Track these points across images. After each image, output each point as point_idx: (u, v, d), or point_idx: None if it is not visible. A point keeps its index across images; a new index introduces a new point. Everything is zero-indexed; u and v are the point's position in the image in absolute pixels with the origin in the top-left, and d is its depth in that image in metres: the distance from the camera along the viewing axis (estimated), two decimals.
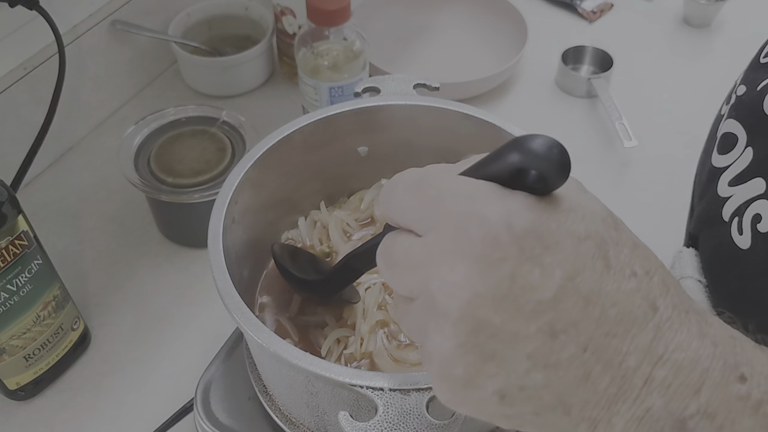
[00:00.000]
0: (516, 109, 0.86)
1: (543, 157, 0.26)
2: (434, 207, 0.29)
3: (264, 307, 0.55)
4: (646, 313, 0.26)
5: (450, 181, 0.29)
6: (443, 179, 0.29)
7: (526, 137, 0.27)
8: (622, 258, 0.27)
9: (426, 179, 0.30)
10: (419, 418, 0.37)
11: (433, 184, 0.29)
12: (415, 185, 0.30)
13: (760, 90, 0.44)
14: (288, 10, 0.81)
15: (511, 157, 0.27)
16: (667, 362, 0.26)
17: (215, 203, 0.48)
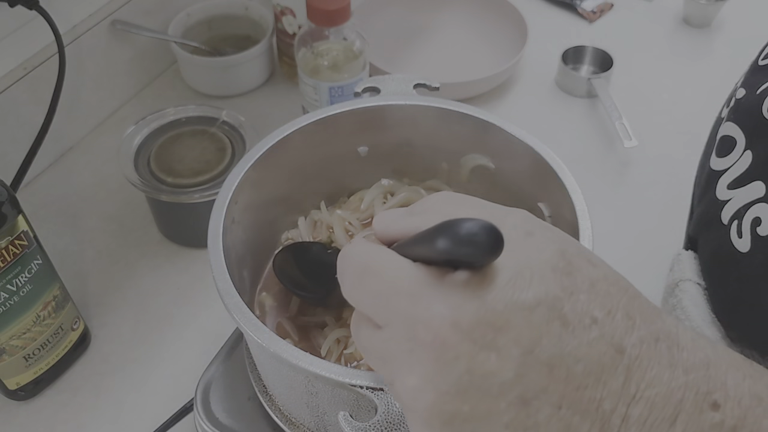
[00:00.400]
0: (516, 109, 0.86)
1: (469, 244, 0.26)
2: (382, 305, 0.29)
3: (264, 307, 0.55)
4: (613, 357, 0.26)
5: (391, 275, 0.29)
6: (384, 270, 0.29)
7: (452, 224, 0.26)
8: (579, 307, 0.27)
9: (368, 270, 0.30)
10: None
11: (375, 276, 0.29)
12: (359, 277, 0.30)
13: (760, 93, 0.44)
14: (288, 10, 0.81)
15: (439, 244, 0.26)
16: (641, 400, 0.26)
17: (215, 203, 0.48)
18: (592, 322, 0.27)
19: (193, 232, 0.68)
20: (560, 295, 0.27)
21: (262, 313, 0.54)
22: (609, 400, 0.26)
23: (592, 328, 0.26)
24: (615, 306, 0.27)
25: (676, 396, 0.26)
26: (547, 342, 0.26)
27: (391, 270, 0.29)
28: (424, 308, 0.27)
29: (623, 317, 0.27)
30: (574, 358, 0.26)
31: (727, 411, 0.26)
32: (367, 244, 0.31)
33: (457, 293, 0.27)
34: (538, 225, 0.30)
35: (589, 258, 0.29)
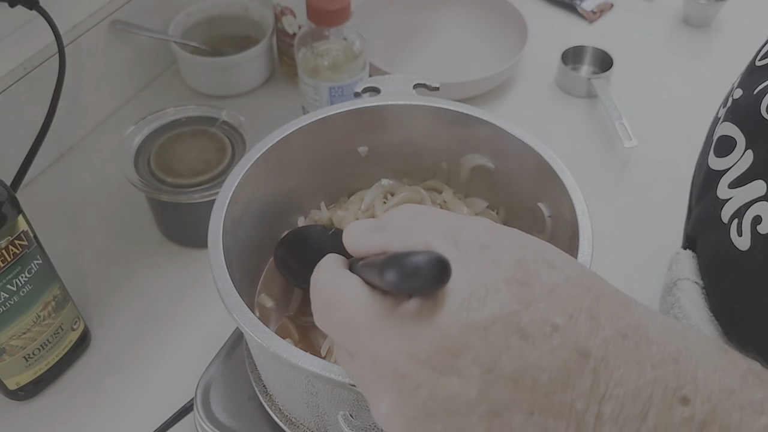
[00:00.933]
0: (516, 109, 0.86)
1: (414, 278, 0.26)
2: (347, 338, 0.30)
3: (264, 307, 0.55)
4: (578, 362, 0.26)
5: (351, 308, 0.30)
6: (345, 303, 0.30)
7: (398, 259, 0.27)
8: (538, 317, 0.27)
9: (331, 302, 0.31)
10: None
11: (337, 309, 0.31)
12: (324, 309, 0.32)
13: (757, 93, 0.44)
14: (288, 10, 0.81)
15: (387, 278, 0.27)
16: (611, 399, 0.26)
17: (215, 203, 0.48)
18: (553, 330, 0.27)
19: (193, 232, 0.68)
20: (516, 309, 0.27)
21: (262, 313, 0.54)
22: (580, 401, 0.26)
23: (553, 336, 0.27)
24: (577, 309, 0.27)
25: (645, 392, 0.26)
26: (507, 357, 0.26)
27: (351, 303, 0.30)
28: (381, 342, 0.28)
29: (586, 319, 0.27)
30: (538, 368, 0.26)
31: (697, 406, 0.26)
32: (331, 272, 0.32)
33: (411, 324, 0.27)
34: (495, 234, 0.29)
35: (549, 261, 0.29)
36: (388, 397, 0.28)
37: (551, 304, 0.27)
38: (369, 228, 0.33)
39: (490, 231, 0.30)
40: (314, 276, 0.33)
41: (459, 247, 0.29)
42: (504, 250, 0.29)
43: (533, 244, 0.30)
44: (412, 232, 0.30)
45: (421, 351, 0.27)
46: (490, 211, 0.59)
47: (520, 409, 0.27)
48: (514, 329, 0.27)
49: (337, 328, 0.31)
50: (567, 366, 0.26)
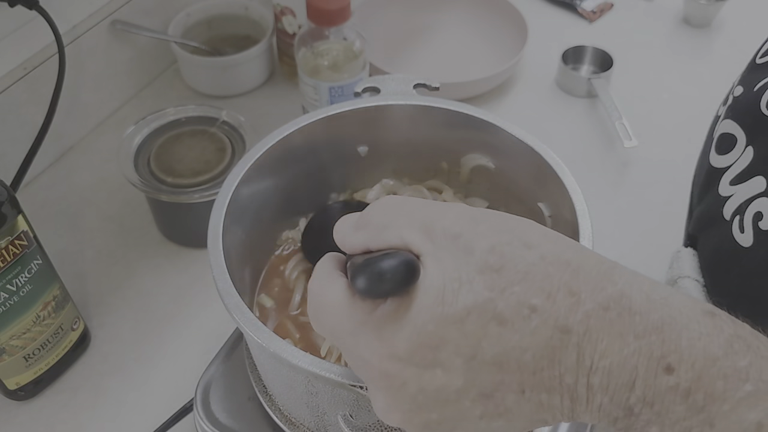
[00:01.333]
0: (516, 109, 0.86)
1: (382, 282, 0.27)
2: (337, 344, 0.32)
3: (264, 307, 0.55)
4: (561, 339, 0.27)
5: (336, 315, 0.31)
6: (331, 310, 0.31)
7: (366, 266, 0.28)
8: (514, 301, 0.27)
9: (320, 308, 0.32)
10: None
11: (325, 316, 0.32)
12: (315, 315, 0.33)
13: (757, 90, 0.44)
14: (288, 10, 0.81)
15: (358, 285, 0.28)
16: (597, 370, 0.27)
17: (215, 203, 0.48)
18: (531, 311, 0.27)
19: (193, 232, 0.68)
20: (491, 296, 0.27)
21: (262, 313, 0.54)
22: (568, 374, 0.27)
23: (531, 318, 0.27)
24: (555, 287, 0.27)
25: (631, 363, 0.27)
26: (487, 344, 0.27)
27: (335, 310, 0.31)
28: (363, 347, 0.29)
29: (565, 296, 0.27)
30: (520, 350, 0.27)
31: (681, 374, 0.26)
32: (321, 278, 0.33)
33: (388, 325, 0.28)
34: (468, 221, 0.30)
35: (525, 240, 0.29)
36: (381, 395, 0.29)
37: (526, 286, 0.27)
38: (353, 225, 0.33)
39: (463, 218, 0.30)
40: (310, 281, 0.34)
41: (432, 239, 0.29)
42: (477, 236, 0.29)
43: (508, 225, 0.30)
44: (389, 227, 0.31)
45: (401, 350, 0.28)
46: None
47: (511, 389, 0.27)
48: (491, 316, 0.27)
49: (327, 335, 0.32)
50: (550, 344, 0.27)
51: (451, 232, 0.29)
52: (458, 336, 0.27)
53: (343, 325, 0.30)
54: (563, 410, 0.28)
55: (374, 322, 0.29)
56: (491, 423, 0.28)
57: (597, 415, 0.27)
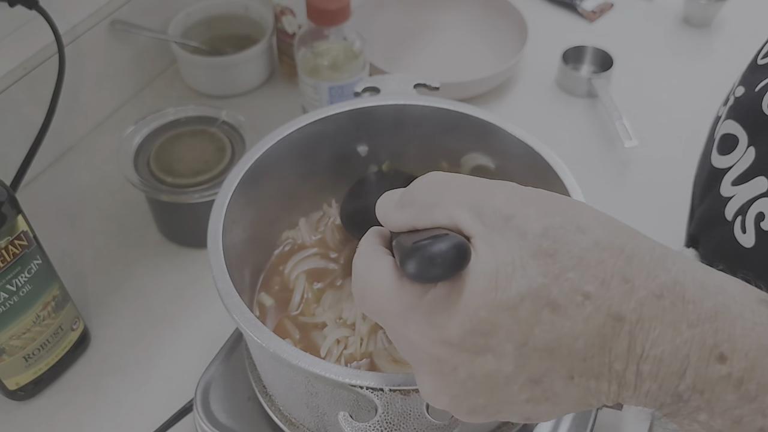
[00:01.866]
0: (516, 109, 0.86)
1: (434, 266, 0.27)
2: (383, 324, 0.31)
3: (263, 307, 0.55)
4: (613, 326, 0.27)
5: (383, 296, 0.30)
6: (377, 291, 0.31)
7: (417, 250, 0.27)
8: (568, 287, 0.27)
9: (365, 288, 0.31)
10: (419, 419, 0.37)
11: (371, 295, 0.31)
12: (361, 294, 0.32)
13: (759, 90, 0.44)
14: (288, 10, 0.81)
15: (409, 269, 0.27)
16: (648, 358, 0.27)
17: (215, 203, 0.48)
18: (584, 298, 0.27)
19: (193, 232, 0.68)
20: (545, 282, 0.27)
21: (262, 313, 0.54)
22: (618, 362, 0.27)
23: (585, 305, 0.26)
24: (609, 273, 0.27)
25: (683, 351, 0.26)
26: (540, 330, 0.27)
27: (381, 291, 0.30)
28: (413, 331, 0.29)
29: (619, 282, 0.27)
30: (572, 337, 0.27)
31: (734, 363, 0.26)
32: (367, 254, 0.32)
33: (440, 311, 0.28)
34: (521, 202, 0.29)
35: (578, 224, 0.28)
36: (429, 379, 0.29)
37: (581, 272, 0.27)
38: (397, 202, 0.32)
39: (516, 198, 0.29)
40: (354, 257, 0.33)
41: (483, 221, 0.28)
42: (529, 218, 0.28)
43: (561, 206, 0.29)
44: (437, 205, 0.30)
45: (453, 336, 0.27)
46: None
47: (560, 374, 0.27)
48: (544, 303, 0.26)
49: (373, 314, 0.31)
50: (602, 331, 0.26)
51: (503, 213, 0.28)
52: (511, 322, 0.27)
53: (390, 307, 0.30)
54: (609, 395, 0.28)
55: (425, 307, 0.28)
56: (537, 407, 0.28)
57: (644, 401, 0.27)
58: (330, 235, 0.58)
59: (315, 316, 0.53)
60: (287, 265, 0.57)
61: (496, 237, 0.28)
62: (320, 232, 0.59)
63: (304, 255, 0.57)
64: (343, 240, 0.58)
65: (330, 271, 0.56)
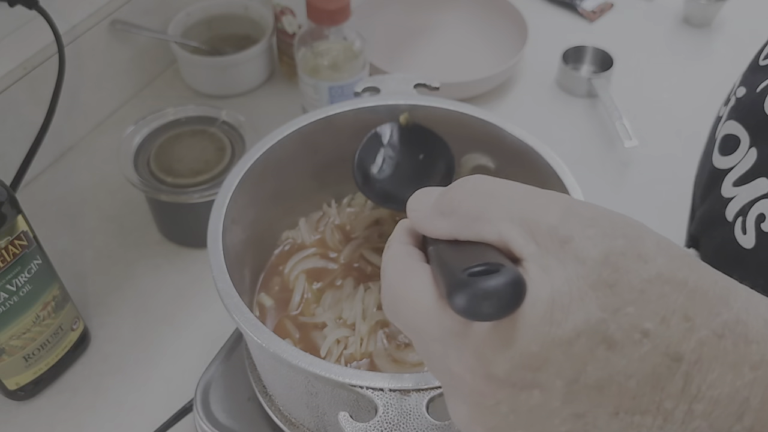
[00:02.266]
0: (516, 109, 0.86)
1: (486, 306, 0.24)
2: (417, 343, 0.29)
3: (263, 308, 0.55)
4: (669, 366, 0.25)
5: (420, 316, 0.27)
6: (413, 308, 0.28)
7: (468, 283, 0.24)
8: (626, 323, 0.24)
9: (398, 301, 0.29)
10: (419, 419, 0.37)
11: (405, 310, 0.28)
12: (392, 305, 0.29)
13: (761, 92, 0.44)
14: (288, 10, 0.81)
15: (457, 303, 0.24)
16: (703, 399, 0.25)
17: (215, 203, 0.48)
18: (642, 336, 0.25)
19: (193, 232, 0.68)
20: (603, 317, 0.24)
21: (262, 314, 0.54)
22: (669, 401, 0.25)
23: (643, 343, 0.24)
24: (669, 310, 0.25)
25: (742, 394, 0.25)
26: (593, 368, 0.25)
27: (420, 310, 0.27)
28: (454, 361, 0.26)
29: (680, 320, 0.25)
30: (625, 375, 0.25)
31: None
32: (401, 259, 0.30)
33: (488, 344, 0.25)
34: (579, 222, 0.26)
35: (640, 250, 0.25)
36: (465, 408, 0.27)
37: (641, 307, 0.25)
38: (434, 209, 0.29)
39: (573, 216, 0.26)
40: (384, 258, 0.31)
41: (537, 240, 0.26)
42: (589, 242, 0.25)
43: (621, 228, 0.26)
44: (483, 218, 0.27)
45: (501, 371, 0.25)
46: None
47: (606, 411, 0.25)
48: (601, 339, 0.24)
49: (405, 330, 0.29)
50: (657, 371, 0.25)
51: (560, 234, 0.26)
52: (563, 359, 0.25)
53: (429, 330, 0.27)
54: (652, 428, 0.26)
55: (471, 338, 0.26)
56: None
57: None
58: (330, 235, 0.58)
59: (315, 316, 0.53)
60: (287, 265, 0.57)
61: (551, 261, 0.25)
62: (320, 232, 0.59)
63: (303, 255, 0.57)
64: (342, 240, 0.58)
65: (330, 271, 0.56)
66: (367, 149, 0.54)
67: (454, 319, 0.26)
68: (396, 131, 0.54)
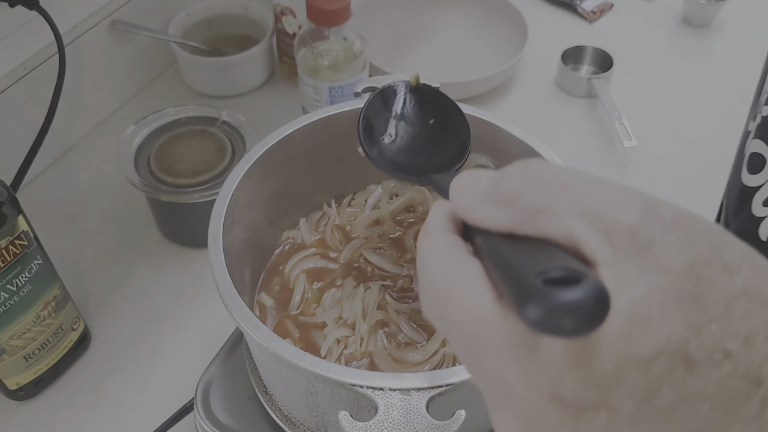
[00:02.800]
0: (516, 109, 0.86)
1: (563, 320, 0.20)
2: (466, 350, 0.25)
3: (264, 307, 0.55)
4: (747, 391, 0.22)
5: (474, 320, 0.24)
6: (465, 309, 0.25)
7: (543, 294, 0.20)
8: (708, 342, 0.22)
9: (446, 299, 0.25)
10: (419, 418, 0.37)
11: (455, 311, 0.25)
12: (437, 304, 0.26)
13: None
14: (288, 10, 0.81)
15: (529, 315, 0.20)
16: None
17: (215, 203, 0.48)
18: (724, 357, 0.22)
19: (193, 232, 0.68)
20: (686, 336, 0.22)
21: (262, 313, 0.54)
22: (738, 425, 0.23)
23: (723, 364, 0.22)
24: (754, 329, 0.22)
25: None
26: (667, 390, 0.22)
27: (475, 315, 0.24)
28: (515, 376, 0.23)
29: (764, 341, 0.22)
30: (700, 399, 0.22)
31: None
32: (444, 251, 0.26)
33: (558, 361, 0.22)
34: (659, 225, 0.23)
35: (725, 260, 0.23)
36: (516, 424, 0.24)
37: (725, 325, 0.22)
38: (487, 196, 0.26)
39: (653, 218, 0.23)
40: (423, 246, 0.27)
41: (612, 242, 0.22)
42: (672, 248, 0.22)
43: (704, 232, 0.23)
44: (548, 212, 0.23)
45: (568, 392, 0.22)
46: None
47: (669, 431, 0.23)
48: (680, 359, 0.22)
49: (451, 333, 0.26)
50: (733, 395, 0.22)
51: (640, 238, 0.22)
52: (638, 379, 0.22)
53: (485, 338, 0.24)
54: None
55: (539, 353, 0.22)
56: None
57: None
58: (330, 235, 0.58)
59: (315, 315, 0.53)
60: (287, 264, 0.57)
61: (629, 268, 0.22)
62: (320, 232, 0.59)
63: (304, 255, 0.57)
64: (342, 240, 0.58)
65: (330, 271, 0.56)
66: (373, 110, 0.49)
67: (518, 329, 0.23)
68: (405, 92, 0.50)
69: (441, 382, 0.38)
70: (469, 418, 0.37)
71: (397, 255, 0.56)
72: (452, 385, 0.38)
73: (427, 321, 0.52)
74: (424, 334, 0.51)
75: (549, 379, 0.22)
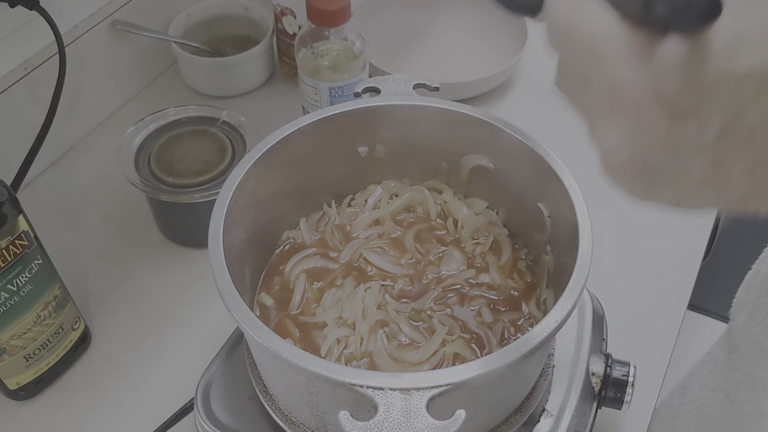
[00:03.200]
0: (516, 109, 0.86)
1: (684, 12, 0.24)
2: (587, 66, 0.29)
3: (264, 307, 0.55)
4: None
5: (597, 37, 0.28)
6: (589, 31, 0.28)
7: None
8: None
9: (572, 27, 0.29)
10: (419, 418, 0.37)
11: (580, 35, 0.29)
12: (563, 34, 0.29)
13: None
14: (288, 11, 0.81)
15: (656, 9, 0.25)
16: None
17: (215, 203, 0.48)
18: None
19: (194, 232, 0.68)
20: None
21: (263, 313, 0.54)
22: None
23: None
24: None
25: None
26: (754, 111, 0.25)
27: (599, 31, 0.28)
28: (628, 75, 0.27)
29: None
30: None
31: None
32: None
33: (665, 62, 0.26)
34: None
35: None
36: (620, 129, 0.28)
37: None
38: None
39: None
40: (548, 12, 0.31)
41: None
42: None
43: None
44: None
45: (670, 91, 0.26)
46: (490, 211, 0.59)
47: (745, 163, 0.26)
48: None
49: (577, 54, 0.29)
50: None
51: None
52: (731, 94, 0.25)
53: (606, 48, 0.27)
54: None
55: (654, 54, 0.26)
56: (702, 191, 0.28)
57: None
58: (330, 235, 0.58)
59: (315, 315, 0.53)
60: (287, 264, 0.57)
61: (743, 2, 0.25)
62: (320, 232, 0.59)
63: (304, 254, 0.57)
64: (342, 240, 0.58)
65: (330, 271, 0.56)
66: None
67: (638, 35, 0.27)
68: None
69: (441, 382, 0.38)
70: (469, 418, 0.37)
71: (397, 255, 0.57)
72: (452, 385, 0.38)
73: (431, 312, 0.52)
74: (424, 334, 0.51)
75: (656, 76, 0.26)
